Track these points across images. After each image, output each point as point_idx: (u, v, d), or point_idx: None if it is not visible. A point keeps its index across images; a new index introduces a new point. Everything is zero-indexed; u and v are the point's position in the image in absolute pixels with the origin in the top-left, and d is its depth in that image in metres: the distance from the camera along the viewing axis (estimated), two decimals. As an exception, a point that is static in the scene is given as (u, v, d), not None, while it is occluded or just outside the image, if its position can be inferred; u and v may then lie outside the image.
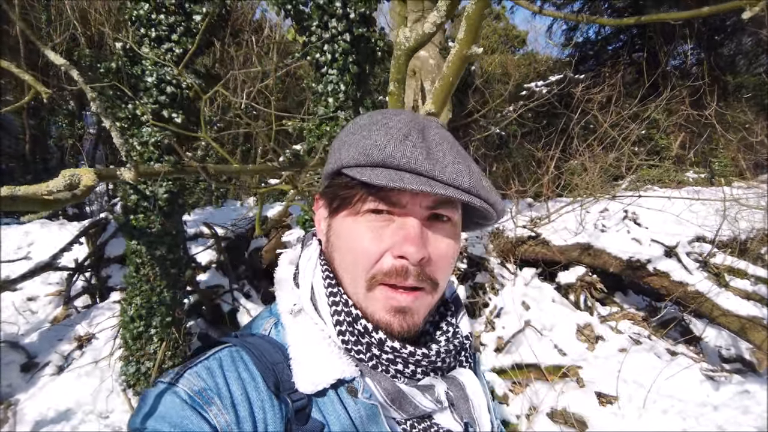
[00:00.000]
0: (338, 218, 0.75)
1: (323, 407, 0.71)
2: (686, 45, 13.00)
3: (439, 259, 0.73)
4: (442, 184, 0.67)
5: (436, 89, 1.22)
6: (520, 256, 6.39)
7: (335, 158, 0.74)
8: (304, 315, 0.77)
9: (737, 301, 4.95)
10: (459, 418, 0.78)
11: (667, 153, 9.57)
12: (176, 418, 0.62)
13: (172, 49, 4.97)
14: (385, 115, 0.75)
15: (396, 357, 0.72)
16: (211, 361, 0.70)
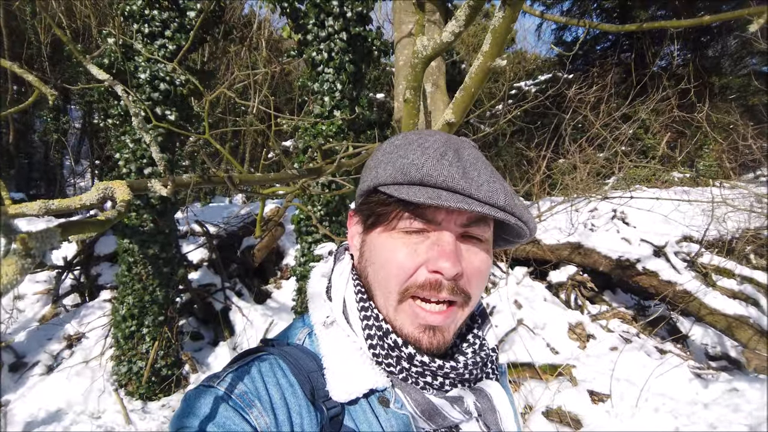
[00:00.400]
0: (374, 234, 0.77)
1: (355, 416, 0.72)
2: (673, 46, 13.17)
3: (473, 274, 0.74)
4: (478, 202, 0.69)
5: (457, 99, 1.23)
6: (512, 255, 6.45)
7: (372, 176, 0.76)
8: (336, 327, 0.78)
9: (724, 300, 5.05)
10: (485, 429, 0.80)
11: (655, 153, 9.71)
12: (219, 419, 0.64)
13: (165, 46, 4.92)
14: (421, 135, 0.78)
15: (425, 370, 0.74)
16: (251, 367, 0.72)
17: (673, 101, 8.55)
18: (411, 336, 0.74)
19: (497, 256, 6.61)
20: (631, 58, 11.43)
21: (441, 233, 0.72)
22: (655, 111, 9.79)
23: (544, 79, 12.47)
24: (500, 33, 1.14)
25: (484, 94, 11.24)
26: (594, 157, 7.46)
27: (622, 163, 7.25)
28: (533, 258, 6.33)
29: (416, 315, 0.72)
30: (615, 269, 5.78)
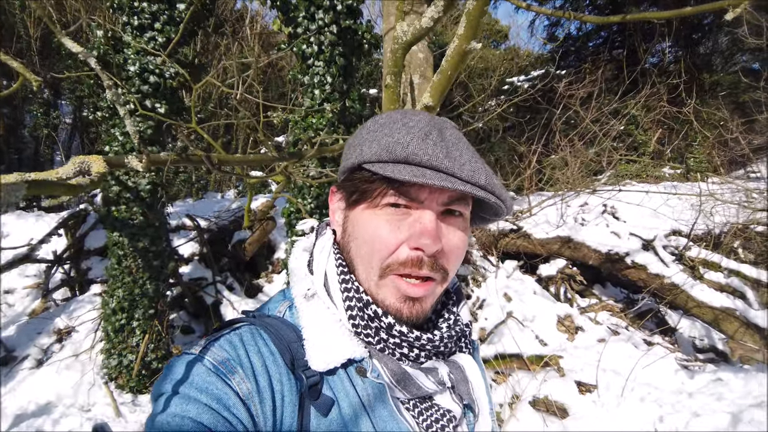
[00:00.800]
0: (357, 210, 0.79)
1: (333, 385, 0.75)
2: (664, 43, 13.24)
3: (451, 250, 0.77)
4: (461, 181, 0.71)
5: (434, 83, 1.24)
6: (502, 248, 6.49)
7: (356, 153, 0.78)
8: (317, 299, 0.81)
9: (711, 293, 5.12)
10: (458, 399, 0.83)
11: (645, 149, 9.77)
12: (202, 384, 0.66)
13: (155, 38, 4.90)
14: (405, 114, 0.80)
15: (402, 341, 0.77)
16: (233, 335, 0.74)
17: (663, 97, 8.62)
18: (392, 307, 0.76)
19: (488, 250, 6.64)
20: (623, 55, 11.49)
21: (423, 211, 0.74)
22: (646, 107, 9.85)
23: (537, 75, 12.50)
24: (474, 16, 1.16)
25: (476, 90, 11.24)
26: (584, 153, 7.50)
27: (611, 157, 7.29)
28: (524, 252, 6.37)
29: (398, 288, 0.75)
30: (604, 263, 5.83)
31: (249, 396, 0.67)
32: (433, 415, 0.80)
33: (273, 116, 4.98)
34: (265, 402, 0.68)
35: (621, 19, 2.50)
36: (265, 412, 0.68)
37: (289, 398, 0.70)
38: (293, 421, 0.70)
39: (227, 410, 0.65)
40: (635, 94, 8.35)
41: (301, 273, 0.85)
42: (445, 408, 0.82)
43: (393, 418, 0.76)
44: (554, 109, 8.15)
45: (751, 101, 9.61)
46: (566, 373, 4.26)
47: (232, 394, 0.66)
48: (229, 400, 0.65)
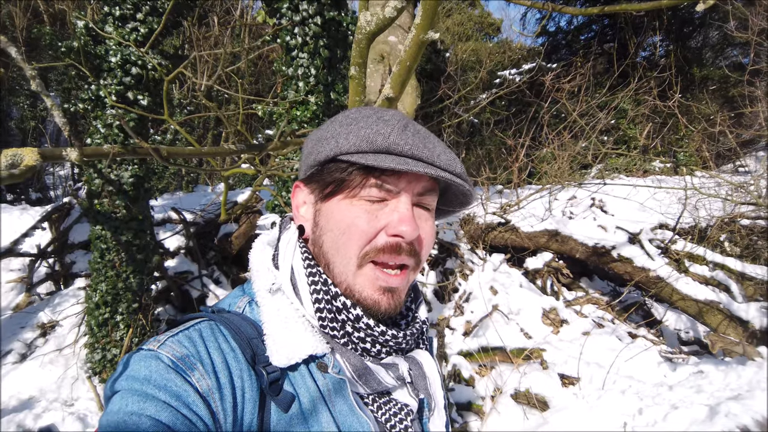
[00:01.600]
0: (332, 202, 0.79)
1: (294, 380, 0.75)
2: (655, 37, 13.24)
3: (424, 238, 0.80)
4: (440, 169, 0.74)
5: (394, 74, 1.22)
6: (490, 242, 6.49)
7: (330, 146, 0.77)
8: (281, 294, 0.81)
9: (696, 286, 5.14)
10: (415, 394, 0.86)
11: (634, 142, 9.79)
12: (161, 381, 0.65)
13: (137, 29, 4.83)
14: (376, 110, 0.81)
15: (366, 336, 0.78)
16: (192, 331, 0.73)
17: (654, 91, 8.62)
18: (370, 298, 0.77)
19: (476, 244, 6.64)
20: (614, 48, 11.48)
21: (399, 200, 0.76)
22: (636, 101, 9.86)
23: (528, 68, 12.46)
24: (431, 6, 1.14)
25: (468, 84, 11.20)
26: (572, 146, 7.51)
27: (599, 151, 7.30)
28: (511, 245, 6.38)
29: (377, 278, 0.76)
30: (591, 256, 5.84)
31: (209, 393, 0.67)
32: (391, 409, 0.82)
33: (257, 109, 4.94)
34: (225, 398, 0.68)
35: (599, 11, 2.49)
36: (226, 408, 0.67)
37: (249, 394, 0.70)
38: (254, 417, 0.70)
39: (187, 408, 0.64)
40: (624, 88, 8.36)
41: (263, 268, 0.84)
42: (402, 402, 0.84)
43: (353, 412, 0.77)
44: (543, 103, 8.14)
45: (740, 96, 9.65)
46: (550, 366, 4.28)
47: (192, 391, 0.65)
48: (188, 397, 0.65)
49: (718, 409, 3.09)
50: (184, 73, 5.41)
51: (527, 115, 8.47)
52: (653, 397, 3.61)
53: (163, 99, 4.96)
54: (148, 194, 5.26)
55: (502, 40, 17.82)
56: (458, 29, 16.65)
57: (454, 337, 4.98)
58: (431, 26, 1.14)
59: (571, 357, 4.33)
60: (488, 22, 18.19)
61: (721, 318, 4.91)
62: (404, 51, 1.17)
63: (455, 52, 13.84)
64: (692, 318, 5.23)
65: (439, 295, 6.01)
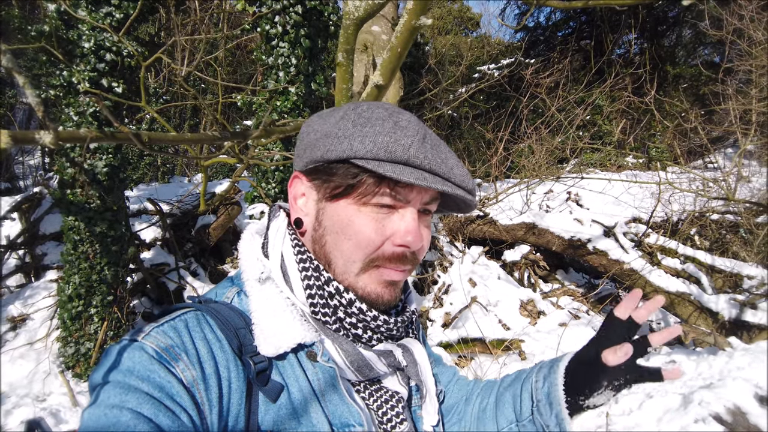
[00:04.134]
0: (339, 204, 0.78)
1: (283, 370, 0.75)
2: (631, 34, 13.48)
3: (425, 245, 0.81)
4: (454, 185, 0.75)
5: (384, 61, 1.21)
6: (469, 234, 6.54)
7: (344, 147, 0.74)
8: (270, 283, 0.80)
9: (667, 278, 5.28)
10: (405, 382, 0.87)
11: (610, 138, 9.98)
12: (144, 372, 0.63)
13: (111, 14, 4.69)
14: (390, 111, 0.79)
15: (358, 321, 0.78)
16: (177, 321, 0.72)
17: (628, 87, 8.79)
18: (374, 292, 0.78)
19: (455, 236, 6.69)
20: (591, 45, 11.66)
21: (406, 210, 0.77)
22: (611, 97, 10.04)
23: (507, 63, 12.57)
24: (424, -10, 1.13)
25: (447, 77, 11.24)
26: (549, 140, 7.61)
27: (575, 146, 7.42)
28: (489, 238, 6.45)
29: (381, 275, 0.77)
30: (567, 249, 5.94)
31: (194, 383, 0.65)
32: (382, 396, 0.83)
33: (237, 98, 4.86)
34: (210, 389, 0.67)
35: (584, 4, 2.51)
36: (211, 399, 0.66)
37: (236, 385, 0.69)
38: (241, 407, 0.69)
39: (170, 399, 0.63)
40: (600, 84, 8.50)
41: (252, 257, 0.83)
42: (393, 390, 0.84)
43: (343, 401, 0.76)
44: (521, 97, 8.22)
45: (711, 93, 9.91)
46: (528, 356, 4.35)
47: (176, 382, 0.64)
48: (172, 388, 0.63)
49: (691, 398, 3.19)
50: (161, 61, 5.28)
51: (506, 110, 8.55)
52: (628, 385, 3.70)
53: (140, 86, 4.85)
54: (123, 184, 5.14)
55: (481, 35, 17.93)
56: (438, 23, 16.67)
57: (434, 328, 5.02)
58: (423, 12, 1.13)
59: (548, 347, 4.41)
60: (468, 17, 18.26)
61: (692, 309, 5.06)
62: (395, 37, 1.16)
63: (435, 46, 13.86)
64: (664, 309, 5.37)
65: (419, 287, 6.04)
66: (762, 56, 6.37)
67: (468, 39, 16.69)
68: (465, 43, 15.34)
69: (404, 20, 1.12)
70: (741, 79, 8.30)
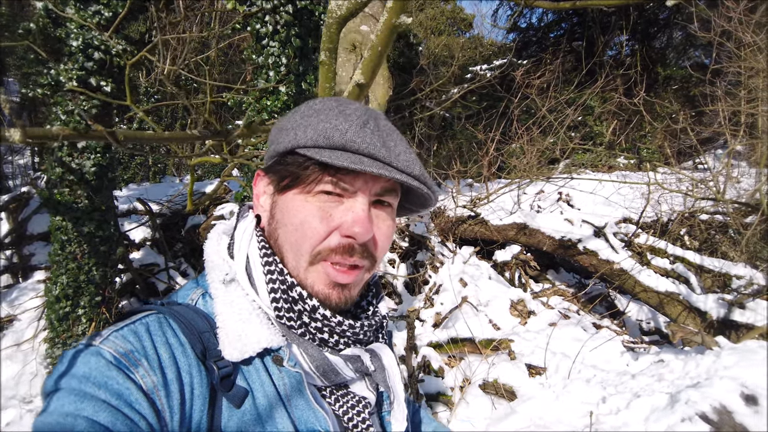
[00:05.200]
0: (287, 195, 0.77)
1: (248, 375, 0.73)
2: (622, 36, 13.55)
3: (380, 239, 0.78)
4: (397, 170, 0.72)
5: (365, 59, 1.20)
6: (460, 234, 6.55)
7: (289, 138, 0.74)
8: (235, 285, 0.78)
9: (657, 278, 5.31)
10: (374, 387, 0.85)
11: (601, 139, 10.03)
12: (101, 378, 0.61)
13: (100, 12, 4.66)
14: (341, 102, 0.78)
15: (324, 326, 0.76)
16: (138, 325, 0.70)
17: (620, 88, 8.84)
18: (321, 293, 0.76)
19: (446, 237, 6.70)
20: (582, 46, 11.71)
21: (355, 199, 0.74)
22: (602, 98, 10.10)
23: (499, 64, 12.61)
24: (403, -12, 1.12)
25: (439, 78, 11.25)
26: (541, 141, 7.63)
27: (566, 146, 7.45)
28: (480, 238, 6.45)
29: (327, 274, 0.75)
30: (558, 249, 5.96)
31: (154, 390, 0.64)
32: (349, 402, 0.81)
33: (227, 98, 4.84)
34: (172, 396, 0.65)
35: (572, 6, 2.52)
36: (172, 406, 0.65)
37: (198, 391, 0.68)
38: (203, 414, 0.67)
39: (129, 407, 0.61)
40: (591, 85, 8.54)
41: (218, 258, 0.82)
42: (360, 395, 0.83)
43: (309, 407, 0.75)
44: (513, 98, 8.24)
45: (701, 95, 9.97)
46: (518, 356, 4.36)
47: (135, 388, 0.62)
48: (131, 395, 0.61)
49: (678, 397, 3.20)
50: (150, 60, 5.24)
51: (497, 110, 8.57)
52: (616, 385, 3.72)
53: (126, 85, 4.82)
54: (112, 184, 5.10)
55: (474, 36, 17.97)
56: (431, 23, 16.69)
57: (424, 328, 5.02)
58: (403, 10, 1.12)
59: (538, 347, 4.42)
60: (461, 18, 18.29)
61: (681, 309, 5.09)
62: (375, 36, 1.15)
63: (428, 47, 13.87)
64: (653, 309, 5.40)
65: (410, 287, 6.04)
66: (750, 58, 6.42)
67: (461, 40, 16.72)
68: (458, 43, 15.36)
69: (384, 19, 1.12)
70: (730, 81, 8.36)
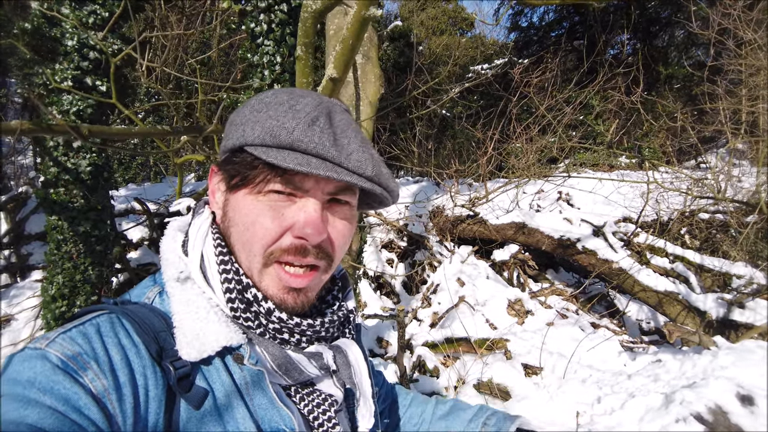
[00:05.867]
0: (239, 195, 0.75)
1: (208, 375, 0.71)
2: (623, 35, 13.50)
3: (337, 238, 0.76)
4: (347, 171, 0.69)
5: (337, 53, 1.19)
6: (458, 234, 6.52)
7: (238, 134, 0.72)
8: (191, 283, 0.76)
9: (656, 277, 5.27)
10: (340, 384, 0.83)
11: (601, 137, 9.98)
12: (46, 383, 0.58)
13: (96, 12, 4.67)
14: (292, 95, 0.75)
15: (282, 327, 0.75)
16: (88, 326, 0.67)
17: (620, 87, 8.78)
18: (276, 297, 0.74)
19: (444, 236, 6.67)
20: (583, 45, 11.66)
21: (307, 200, 0.72)
22: (603, 97, 10.04)
23: (500, 63, 12.57)
24: (372, -19, 1.11)
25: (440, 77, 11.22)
26: (540, 140, 7.60)
27: (565, 145, 7.41)
28: (479, 237, 6.43)
29: (280, 278, 0.73)
30: (557, 248, 5.93)
31: (104, 394, 0.61)
32: (314, 400, 0.79)
33: (223, 97, 4.83)
34: (124, 399, 0.62)
35: (561, 2, 2.50)
36: (125, 410, 0.62)
37: (153, 393, 0.65)
38: (159, 417, 0.65)
39: (76, 412, 0.58)
40: (591, 83, 8.50)
41: (173, 255, 0.79)
42: (326, 393, 0.81)
43: (273, 405, 0.73)
44: (512, 97, 8.21)
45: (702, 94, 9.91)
46: (514, 356, 4.33)
47: (83, 393, 0.60)
48: (79, 400, 0.59)
49: (673, 397, 3.17)
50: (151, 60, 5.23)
51: (497, 109, 8.54)
52: (612, 385, 3.69)
53: (122, 84, 4.82)
54: (108, 184, 5.10)
55: (475, 35, 17.92)
56: (432, 23, 16.66)
57: (421, 328, 5.00)
58: (372, 3, 1.10)
59: (534, 347, 4.39)
60: (462, 17, 18.25)
61: (680, 308, 5.05)
62: (346, 29, 1.13)
63: (429, 46, 13.85)
64: (652, 308, 5.37)
65: (408, 286, 6.02)
66: (751, 56, 6.37)
67: (462, 39, 16.68)
68: (458, 43, 15.33)
69: (354, 12, 1.10)
70: (731, 79, 8.31)
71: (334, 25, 2.76)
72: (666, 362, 4.00)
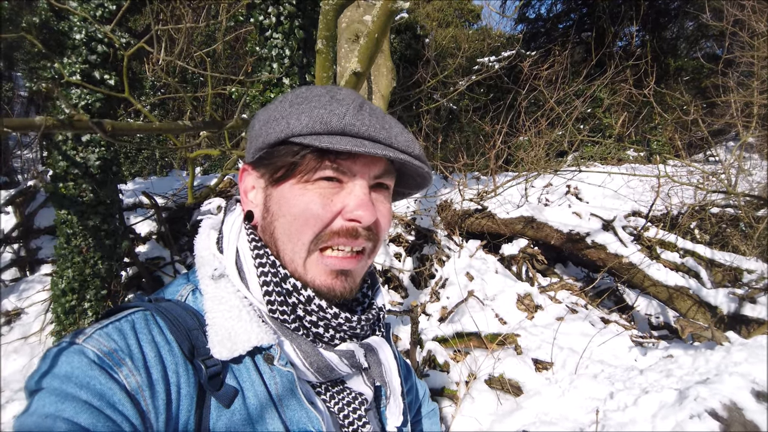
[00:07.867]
0: (284, 187, 0.75)
1: (238, 374, 0.71)
2: (632, 27, 13.36)
3: (383, 221, 0.78)
4: (398, 151, 0.71)
5: (362, 47, 1.16)
6: (467, 228, 6.49)
7: (281, 127, 0.72)
8: (225, 281, 0.76)
9: (666, 272, 5.23)
10: (370, 382, 0.83)
11: (610, 131, 9.90)
12: (83, 378, 0.60)
13: (103, 5, 4.64)
14: (330, 89, 0.78)
15: (319, 320, 0.75)
16: (123, 323, 0.68)
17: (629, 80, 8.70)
18: (324, 284, 0.74)
19: (452, 230, 6.64)
20: (591, 37, 11.55)
21: (356, 183, 0.73)
22: (612, 90, 9.95)
23: (507, 56, 12.47)
24: (400, -29, 1.07)
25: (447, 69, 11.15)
26: (549, 133, 7.54)
27: (574, 139, 7.35)
28: (487, 231, 6.39)
29: (326, 264, 0.73)
30: (566, 243, 5.90)
31: (138, 390, 0.62)
32: (345, 398, 0.80)
33: (231, 91, 4.80)
34: (157, 396, 0.63)
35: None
36: (158, 406, 0.63)
37: (185, 390, 0.66)
38: (191, 414, 0.65)
39: (111, 408, 0.59)
40: (600, 76, 8.42)
41: (208, 253, 0.79)
42: (356, 391, 0.81)
43: (302, 407, 0.73)
44: (520, 90, 8.14)
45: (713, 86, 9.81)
46: (524, 351, 4.31)
47: (118, 389, 0.60)
48: (114, 396, 0.60)
49: (687, 393, 3.14)
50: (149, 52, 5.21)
51: (505, 102, 8.47)
52: (624, 381, 3.67)
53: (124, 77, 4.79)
54: (117, 178, 5.09)
55: (482, 27, 17.79)
56: (438, 15, 16.54)
57: (430, 322, 4.98)
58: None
59: (545, 342, 4.37)
60: (468, 9, 18.10)
61: (691, 303, 5.02)
62: (372, 22, 1.11)
63: (435, 38, 13.74)
64: (663, 303, 5.33)
65: (416, 281, 6.00)
66: (763, 48, 6.28)
67: (469, 31, 16.55)
68: (465, 35, 15.21)
69: (381, 4, 1.07)
70: (743, 71, 8.21)
71: (346, 18, 2.72)
72: (678, 358, 3.97)
